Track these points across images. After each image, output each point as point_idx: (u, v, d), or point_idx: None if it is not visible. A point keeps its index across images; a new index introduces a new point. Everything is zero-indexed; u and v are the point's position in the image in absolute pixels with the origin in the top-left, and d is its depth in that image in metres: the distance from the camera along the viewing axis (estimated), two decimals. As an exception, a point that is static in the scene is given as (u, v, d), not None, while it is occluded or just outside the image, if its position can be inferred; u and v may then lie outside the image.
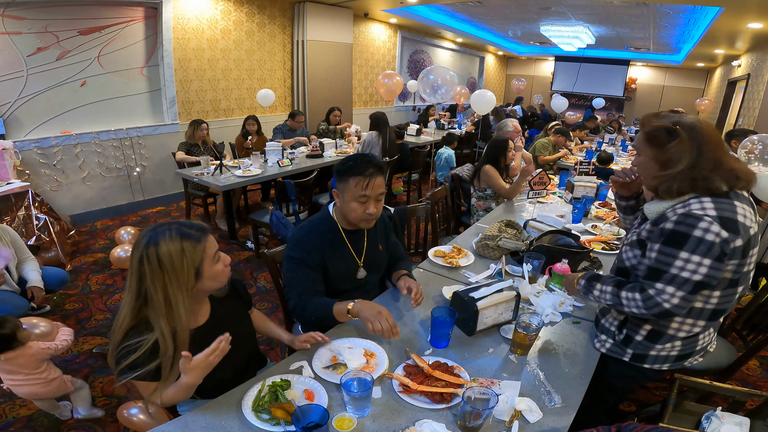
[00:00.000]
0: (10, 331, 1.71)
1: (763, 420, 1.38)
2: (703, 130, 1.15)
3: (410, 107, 9.54)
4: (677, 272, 1.12)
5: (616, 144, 6.35)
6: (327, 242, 1.56)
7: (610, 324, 1.40)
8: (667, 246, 1.14)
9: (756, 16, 5.10)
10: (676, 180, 1.17)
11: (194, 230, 1.10)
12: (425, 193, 5.29)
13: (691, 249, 1.10)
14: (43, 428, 1.93)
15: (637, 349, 1.33)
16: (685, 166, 1.15)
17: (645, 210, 1.28)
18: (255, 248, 3.69)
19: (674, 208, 1.17)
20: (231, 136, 5.31)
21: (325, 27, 6.24)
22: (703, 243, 1.09)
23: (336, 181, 1.53)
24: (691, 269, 1.11)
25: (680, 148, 1.15)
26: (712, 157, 1.13)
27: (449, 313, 1.38)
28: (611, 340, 1.38)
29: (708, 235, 1.08)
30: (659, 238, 1.17)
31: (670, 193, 1.19)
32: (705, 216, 1.10)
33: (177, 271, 1.05)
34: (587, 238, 2.30)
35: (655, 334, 1.29)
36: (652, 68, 12.03)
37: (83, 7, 3.98)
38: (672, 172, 1.17)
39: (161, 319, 1.05)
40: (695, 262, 1.10)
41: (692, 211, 1.12)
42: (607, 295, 1.29)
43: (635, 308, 1.20)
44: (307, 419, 0.98)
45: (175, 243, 1.05)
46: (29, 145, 3.85)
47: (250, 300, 1.45)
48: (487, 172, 3.00)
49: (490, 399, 1.05)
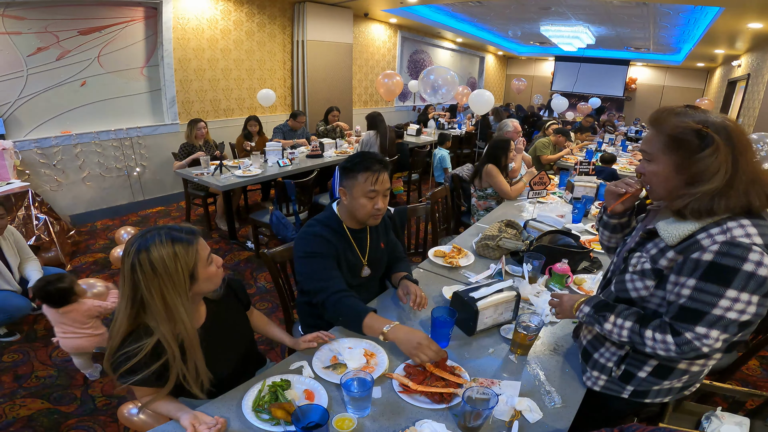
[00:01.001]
0: (69, 286, 1.96)
1: (763, 420, 1.38)
2: (737, 133, 0.94)
3: (410, 107, 9.54)
4: (722, 313, 0.92)
5: (616, 144, 6.35)
6: (336, 237, 1.56)
7: (606, 360, 1.19)
8: (708, 283, 0.92)
9: (756, 16, 5.10)
10: (708, 198, 0.94)
11: (184, 233, 1.08)
12: (425, 193, 5.29)
13: (741, 287, 0.90)
14: (43, 428, 1.93)
15: (641, 386, 1.15)
16: (721, 183, 0.92)
17: (661, 232, 1.02)
18: (255, 248, 3.69)
19: (709, 233, 0.94)
20: (231, 136, 5.31)
21: (325, 27, 6.24)
22: (754, 279, 0.89)
23: (342, 179, 1.54)
24: (739, 309, 0.91)
25: (717, 158, 0.92)
26: (749, 170, 0.93)
27: (449, 313, 1.38)
28: (605, 376, 1.20)
29: (761, 270, 0.89)
30: (693, 271, 0.95)
31: (698, 214, 0.96)
32: (753, 246, 0.89)
33: (172, 276, 1.03)
34: (587, 238, 2.30)
35: (663, 369, 1.11)
36: (652, 68, 12.03)
37: (83, 7, 3.99)
38: (704, 189, 0.94)
39: (162, 325, 1.03)
40: (744, 301, 0.90)
41: (737, 238, 0.91)
42: (624, 331, 1.07)
43: (662, 351, 1.00)
44: (307, 419, 0.98)
45: (166, 247, 1.03)
46: (29, 145, 3.85)
47: (247, 300, 1.44)
48: (489, 172, 3.00)
49: (490, 399, 1.05)
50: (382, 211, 1.55)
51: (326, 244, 1.52)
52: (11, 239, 2.46)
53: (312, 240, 1.52)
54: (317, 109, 6.39)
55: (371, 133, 4.64)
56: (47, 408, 2.04)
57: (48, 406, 2.05)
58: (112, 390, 2.16)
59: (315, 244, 1.51)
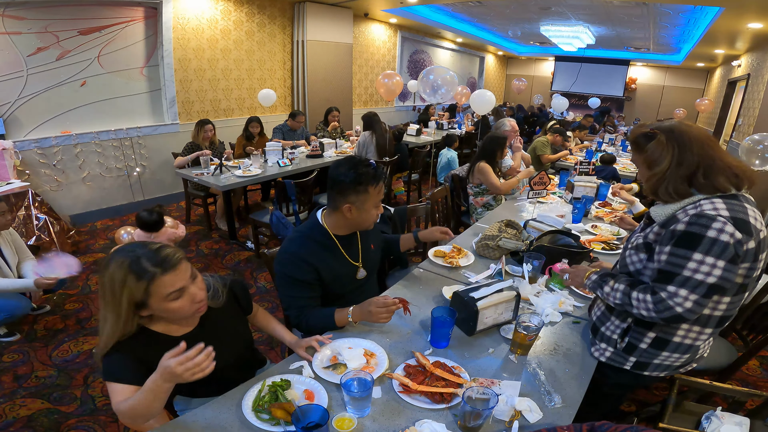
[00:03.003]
0: (160, 218, 2.69)
1: (763, 420, 1.38)
2: (683, 129, 1.18)
3: (410, 107, 9.54)
4: (690, 274, 1.08)
5: (616, 144, 6.35)
6: (320, 252, 1.52)
7: (611, 332, 1.34)
8: (679, 247, 1.10)
9: (756, 16, 5.10)
10: (667, 180, 1.18)
11: (150, 264, 1.04)
12: (425, 193, 5.29)
13: (705, 250, 1.06)
14: (43, 428, 1.93)
15: (642, 357, 1.29)
16: (669, 164, 1.17)
17: (651, 213, 1.27)
18: (255, 248, 3.69)
19: (685, 210, 1.15)
20: (231, 136, 5.31)
21: (325, 27, 6.24)
22: (717, 244, 1.05)
23: (348, 195, 1.45)
24: (705, 271, 1.07)
25: (658, 147, 1.19)
26: (698, 153, 1.14)
27: (449, 313, 1.38)
28: (611, 348, 1.34)
29: (722, 236, 1.05)
30: (670, 239, 1.13)
31: (669, 195, 1.19)
32: (718, 216, 1.07)
33: (115, 296, 1.04)
34: (587, 238, 2.30)
35: (661, 341, 1.26)
36: (652, 68, 12.02)
37: (83, 7, 3.98)
38: (659, 171, 1.19)
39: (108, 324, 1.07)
40: (709, 263, 1.06)
41: (705, 211, 1.09)
42: (618, 293, 1.24)
43: (644, 311, 1.16)
44: (307, 419, 0.98)
45: (121, 271, 1.03)
46: (29, 145, 3.85)
47: (248, 305, 1.41)
48: (482, 169, 3.01)
49: (490, 399, 1.05)
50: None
51: (302, 267, 1.46)
52: (9, 239, 2.46)
53: (288, 261, 1.48)
54: (317, 109, 6.39)
55: (367, 135, 4.60)
56: (47, 408, 2.04)
57: (48, 406, 2.05)
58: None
59: (290, 266, 1.47)
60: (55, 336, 2.57)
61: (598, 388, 1.37)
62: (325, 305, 1.54)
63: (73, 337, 2.57)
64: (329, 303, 1.55)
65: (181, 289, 1.08)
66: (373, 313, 1.37)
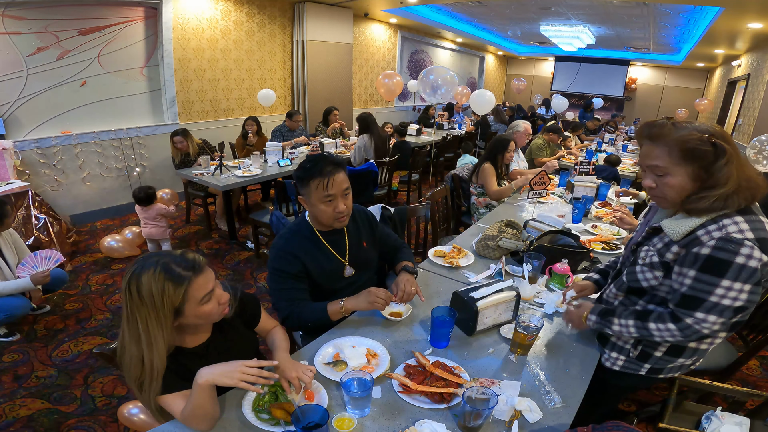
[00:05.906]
0: (153, 193, 3.46)
1: (763, 420, 1.38)
2: (731, 139, 1.08)
3: (410, 107, 9.54)
4: (718, 300, 1.05)
5: (616, 144, 6.35)
6: (306, 246, 1.55)
7: (623, 342, 1.32)
8: (705, 273, 1.05)
9: (756, 16, 5.10)
10: (714, 198, 1.06)
11: (182, 269, 1.04)
12: (425, 193, 5.29)
13: (734, 277, 1.02)
14: (43, 428, 1.93)
15: (657, 364, 1.28)
16: (734, 185, 1.05)
17: (665, 227, 1.16)
18: (255, 248, 3.68)
19: (707, 230, 1.07)
20: (231, 136, 5.31)
21: (325, 27, 6.23)
22: (745, 270, 1.01)
23: (300, 188, 1.51)
24: (732, 297, 1.04)
25: (730, 165, 1.05)
26: (747, 174, 1.07)
27: (449, 313, 1.38)
28: (624, 357, 1.32)
29: (751, 262, 1.01)
30: (693, 263, 1.07)
31: (703, 211, 1.08)
32: (745, 240, 1.02)
33: (157, 309, 1.02)
34: (587, 238, 2.30)
35: (677, 348, 1.25)
36: (652, 68, 12.03)
37: (83, 7, 3.98)
38: (719, 193, 1.05)
39: (133, 345, 1.03)
40: (737, 289, 1.03)
41: (731, 235, 1.03)
42: (632, 329, 1.21)
43: (670, 338, 1.14)
44: (307, 419, 0.98)
45: (157, 281, 1.01)
46: (29, 145, 3.85)
47: (255, 319, 1.38)
48: (484, 171, 3.01)
49: (490, 399, 1.05)
50: (344, 213, 1.50)
51: (290, 261, 1.50)
52: (9, 239, 2.47)
53: (277, 255, 1.52)
54: (317, 109, 6.38)
55: (365, 137, 4.52)
56: (47, 408, 2.04)
57: (48, 406, 2.05)
58: (112, 390, 2.16)
59: (279, 260, 1.51)
60: (55, 336, 2.57)
61: (599, 388, 1.37)
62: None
63: (73, 337, 2.57)
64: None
65: (212, 291, 1.09)
66: (371, 293, 1.43)
